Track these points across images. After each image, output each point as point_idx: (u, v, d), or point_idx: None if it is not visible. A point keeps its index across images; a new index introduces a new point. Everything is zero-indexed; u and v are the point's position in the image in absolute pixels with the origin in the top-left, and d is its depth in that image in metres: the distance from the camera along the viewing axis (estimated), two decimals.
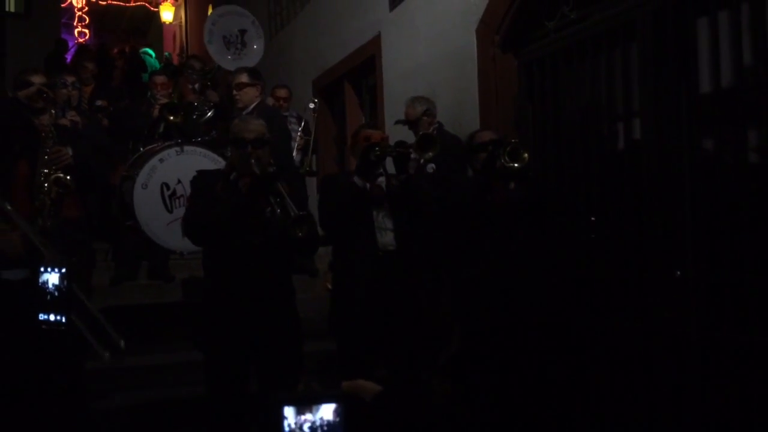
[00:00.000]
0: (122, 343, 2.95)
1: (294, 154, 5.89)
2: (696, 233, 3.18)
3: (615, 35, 3.62)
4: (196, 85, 6.03)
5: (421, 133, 3.53)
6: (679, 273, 3.20)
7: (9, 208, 2.69)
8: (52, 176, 3.30)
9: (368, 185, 3.46)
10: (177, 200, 4.43)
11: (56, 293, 2.27)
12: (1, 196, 2.77)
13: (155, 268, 5.25)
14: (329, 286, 4.73)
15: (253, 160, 2.92)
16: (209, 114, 5.87)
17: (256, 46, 6.62)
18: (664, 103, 3.33)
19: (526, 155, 3.22)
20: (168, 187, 4.48)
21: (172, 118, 5.02)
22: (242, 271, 2.94)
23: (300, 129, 6.09)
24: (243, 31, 6.62)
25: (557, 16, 4.02)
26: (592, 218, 3.78)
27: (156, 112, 5.16)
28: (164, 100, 5.23)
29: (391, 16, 5.77)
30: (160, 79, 5.64)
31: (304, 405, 1.20)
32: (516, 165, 3.21)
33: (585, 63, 3.83)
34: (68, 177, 3.35)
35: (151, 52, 14.11)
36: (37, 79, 3.52)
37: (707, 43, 3.19)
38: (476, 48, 4.58)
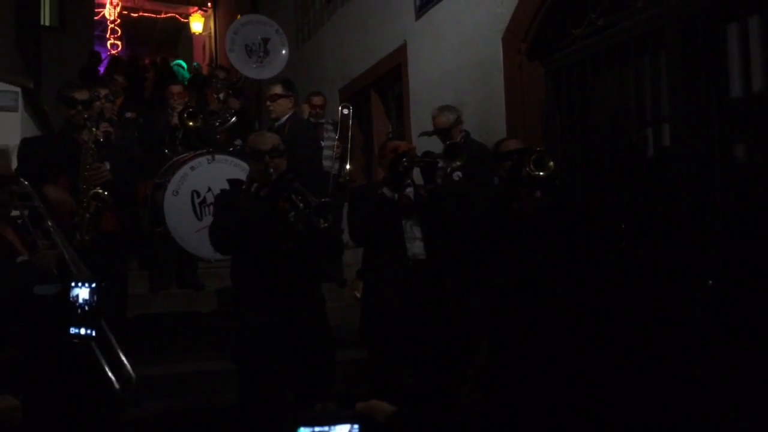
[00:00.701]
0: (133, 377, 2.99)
1: (331, 163, 5.87)
2: (728, 240, 3.13)
3: (643, 42, 3.59)
4: (221, 95, 6.12)
5: (447, 142, 3.53)
6: (711, 282, 3.15)
7: (50, 224, 2.76)
8: (91, 192, 3.39)
9: (397, 195, 3.48)
10: (206, 208, 4.49)
11: (86, 308, 2.33)
12: (44, 212, 2.84)
13: (185, 276, 5.33)
14: (357, 295, 4.75)
15: (271, 169, 2.98)
16: (231, 120, 5.94)
17: (283, 53, 6.63)
18: (694, 108, 3.29)
19: (551, 163, 3.21)
20: (198, 195, 4.55)
21: (191, 123, 5.10)
22: (271, 280, 2.97)
23: (336, 137, 6.07)
24: (266, 40, 6.61)
25: (584, 24, 4.00)
26: (622, 225, 3.74)
27: (175, 119, 5.23)
28: (180, 108, 5.30)
29: (417, 25, 5.79)
30: (176, 88, 5.75)
31: (319, 425, 1.19)
32: (541, 173, 3.20)
33: (613, 70, 3.80)
34: (106, 193, 3.43)
35: (183, 63, 14.35)
36: (81, 96, 3.61)
37: (738, 48, 3.15)
38: (502, 56, 4.57)
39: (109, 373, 2.64)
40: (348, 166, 5.98)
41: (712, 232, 3.18)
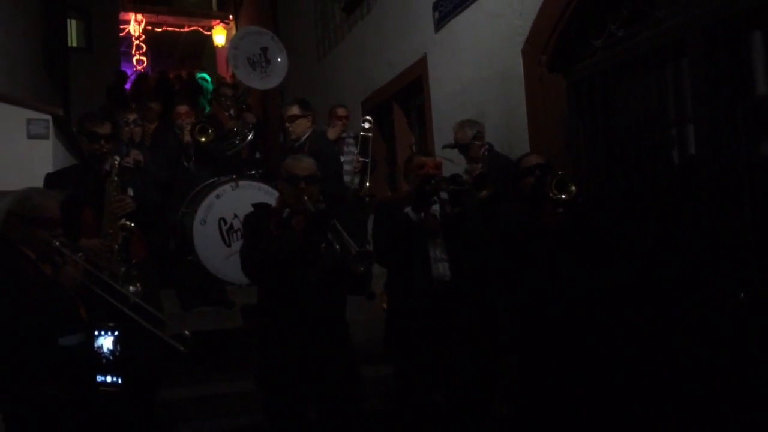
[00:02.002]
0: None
1: (350, 178, 5.82)
2: (761, 251, 3.09)
3: (665, 52, 3.56)
4: (232, 111, 6.15)
5: (476, 173, 3.51)
6: (743, 295, 3.11)
7: (80, 255, 2.83)
8: (119, 223, 3.45)
9: (422, 215, 3.47)
10: (234, 234, 4.57)
11: (111, 357, 2.42)
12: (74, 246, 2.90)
13: (214, 295, 5.39)
14: (386, 307, 4.76)
15: (306, 197, 2.99)
16: (250, 136, 5.99)
17: (280, 59, 6.62)
18: (719, 116, 3.26)
19: (573, 187, 3.20)
20: (225, 222, 4.63)
21: (203, 139, 5.11)
22: (298, 307, 3.01)
23: (357, 151, 5.98)
24: (265, 49, 6.65)
25: (604, 35, 3.98)
26: (649, 236, 3.72)
27: (187, 137, 5.23)
28: (189, 128, 5.28)
29: (437, 38, 5.80)
30: (182, 109, 5.72)
31: None
32: (563, 197, 3.19)
33: (635, 80, 3.78)
34: (132, 224, 3.48)
35: (207, 76, 14.55)
36: (103, 130, 3.63)
37: (762, 54, 3.11)
38: (522, 68, 4.57)
39: None
40: (368, 183, 5.87)
41: (743, 241, 3.14)
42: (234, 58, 6.48)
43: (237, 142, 5.95)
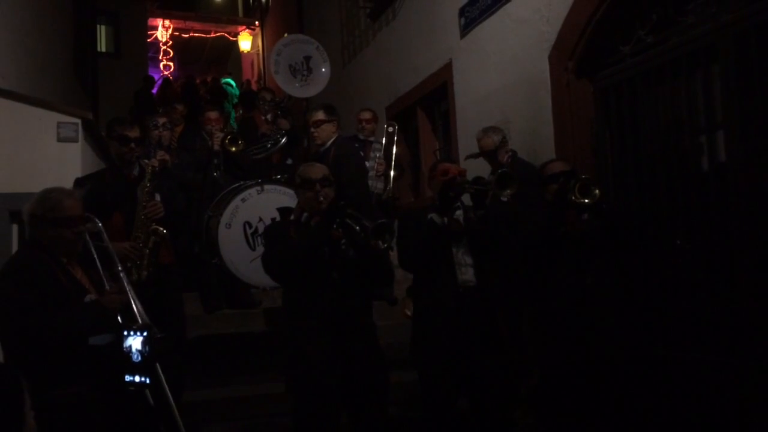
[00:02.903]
0: None
1: (374, 182, 5.81)
2: None
3: (695, 58, 3.52)
4: (269, 116, 6.21)
5: (499, 171, 3.49)
6: None
7: (119, 268, 2.86)
8: (151, 227, 3.49)
9: (446, 220, 3.47)
10: (259, 238, 4.59)
11: (139, 357, 2.44)
12: (113, 255, 2.94)
13: (238, 297, 5.43)
14: (408, 313, 4.75)
15: (321, 198, 3.05)
16: (282, 141, 6.03)
17: (324, 70, 6.66)
18: (750, 123, 3.21)
19: (597, 191, 3.17)
20: (250, 226, 4.66)
21: (233, 149, 5.20)
22: (323, 307, 3.02)
23: (380, 155, 5.96)
24: (308, 58, 6.69)
25: (632, 41, 3.94)
26: (678, 241, 3.67)
27: (217, 145, 5.30)
28: (219, 134, 5.35)
29: (463, 44, 5.80)
30: (213, 114, 5.75)
31: None
32: (586, 201, 3.17)
33: (664, 87, 3.74)
34: (164, 230, 3.52)
35: (232, 81, 14.69)
36: (133, 133, 3.65)
37: None
38: (549, 74, 4.55)
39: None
40: (390, 185, 5.82)
41: None
42: (276, 63, 6.53)
43: (269, 146, 6.00)
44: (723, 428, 3.20)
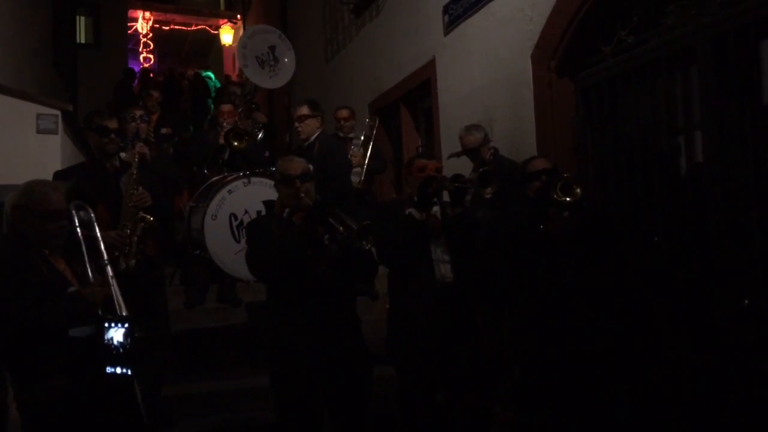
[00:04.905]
0: None
1: (357, 178, 5.77)
2: (766, 257, 3.10)
3: (674, 59, 3.58)
4: (240, 110, 6.17)
5: (481, 169, 3.52)
6: (747, 302, 3.12)
7: (105, 261, 2.84)
8: (138, 216, 3.47)
9: (425, 215, 3.48)
10: (244, 230, 4.57)
11: (121, 349, 2.44)
12: (101, 247, 2.91)
13: (223, 292, 5.41)
14: (387, 307, 4.78)
15: (302, 194, 3.04)
16: (260, 135, 6.01)
17: (287, 59, 6.67)
18: (727, 124, 3.27)
19: (578, 190, 3.22)
20: (236, 218, 4.65)
21: (236, 144, 5.18)
22: (307, 303, 3.03)
23: (356, 149, 5.93)
24: (273, 47, 6.69)
25: (614, 41, 3.99)
26: (656, 239, 3.73)
27: (221, 140, 5.29)
28: (229, 128, 5.33)
29: (446, 41, 5.83)
30: (226, 107, 5.72)
31: None
32: (568, 199, 3.21)
33: (644, 87, 3.79)
34: (152, 218, 3.50)
35: (211, 75, 14.58)
36: (112, 124, 3.64)
37: None
38: (531, 73, 4.59)
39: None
40: (362, 177, 5.78)
41: (750, 249, 3.15)
42: (243, 57, 6.51)
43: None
44: (698, 422, 3.27)
